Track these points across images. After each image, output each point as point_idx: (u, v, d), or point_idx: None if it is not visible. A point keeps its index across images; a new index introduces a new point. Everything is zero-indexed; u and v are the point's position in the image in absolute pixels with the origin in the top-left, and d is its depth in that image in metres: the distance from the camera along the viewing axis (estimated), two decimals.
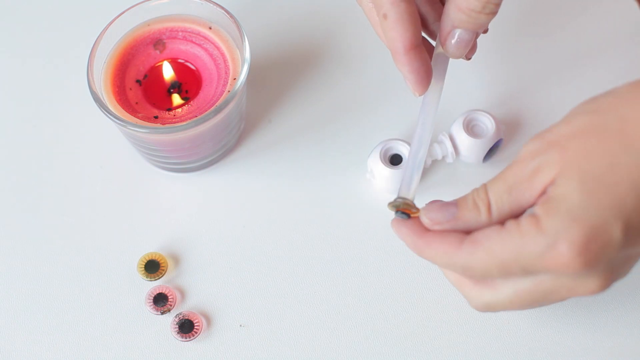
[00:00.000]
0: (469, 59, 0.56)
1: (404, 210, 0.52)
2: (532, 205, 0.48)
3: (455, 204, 0.50)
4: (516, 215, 0.49)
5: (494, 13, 0.51)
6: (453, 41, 0.53)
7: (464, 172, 0.63)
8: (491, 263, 0.48)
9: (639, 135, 0.46)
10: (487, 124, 0.62)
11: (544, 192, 0.47)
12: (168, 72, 0.62)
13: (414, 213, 0.52)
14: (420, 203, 0.62)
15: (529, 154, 0.48)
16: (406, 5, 0.51)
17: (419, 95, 0.53)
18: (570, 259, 0.45)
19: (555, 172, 0.47)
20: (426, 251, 0.50)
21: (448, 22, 0.52)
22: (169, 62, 0.62)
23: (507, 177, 0.49)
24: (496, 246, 0.48)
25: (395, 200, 0.53)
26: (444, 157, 0.63)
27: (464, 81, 0.67)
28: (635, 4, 0.69)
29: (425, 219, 0.50)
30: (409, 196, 0.53)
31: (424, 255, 0.51)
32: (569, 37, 0.68)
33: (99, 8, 0.70)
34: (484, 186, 0.50)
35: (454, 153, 0.62)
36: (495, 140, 0.62)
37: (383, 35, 0.53)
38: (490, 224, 0.49)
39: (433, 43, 0.57)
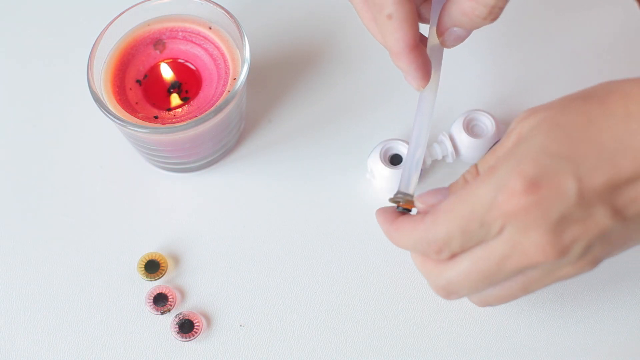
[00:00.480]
0: None
1: (405, 206, 0.53)
2: None
3: (447, 187, 0.51)
4: None
5: (496, 18, 0.52)
6: (452, 37, 0.54)
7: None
8: (452, 226, 0.48)
9: (621, 104, 0.46)
10: (487, 124, 0.62)
11: None
12: (167, 73, 0.62)
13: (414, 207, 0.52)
14: None
15: (517, 120, 0.49)
16: (410, 6, 0.51)
17: (423, 88, 0.54)
18: (520, 196, 0.45)
19: (530, 127, 0.47)
20: (395, 236, 0.51)
21: (448, 20, 0.53)
22: (167, 64, 0.62)
23: (496, 150, 0.50)
24: (454, 205, 0.48)
25: (395, 196, 0.53)
26: (444, 157, 0.63)
27: (464, 81, 0.67)
28: (635, 4, 0.69)
29: (419, 205, 0.51)
30: (409, 190, 0.53)
31: (395, 241, 0.51)
32: (569, 37, 0.68)
33: (99, 8, 0.70)
34: (476, 164, 0.51)
35: (454, 153, 0.62)
36: (495, 140, 0.62)
37: (380, 35, 0.53)
38: None
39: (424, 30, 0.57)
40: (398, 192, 0.54)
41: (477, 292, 0.51)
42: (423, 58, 0.53)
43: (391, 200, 0.53)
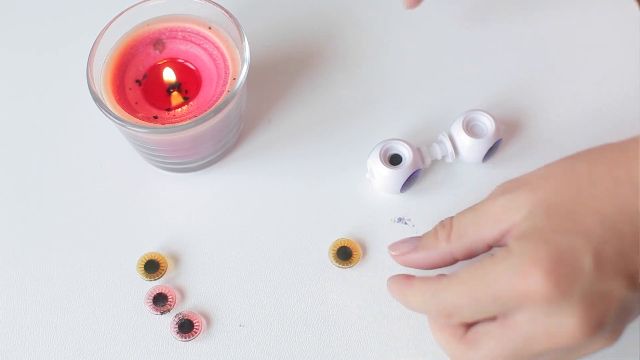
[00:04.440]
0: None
1: None
2: (495, 240, 0.50)
3: (418, 238, 0.54)
4: (478, 248, 0.51)
5: None
6: None
7: (464, 172, 0.63)
8: (464, 294, 0.48)
9: (604, 175, 0.47)
10: (487, 124, 0.62)
11: (510, 229, 0.48)
12: (169, 76, 0.62)
13: None
14: (421, 203, 0.63)
15: (501, 190, 0.50)
16: None
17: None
18: (540, 280, 0.45)
19: (526, 211, 0.48)
20: (408, 292, 0.51)
21: None
22: (170, 67, 0.62)
23: (476, 210, 0.50)
24: (468, 275, 0.48)
25: None
26: (443, 157, 0.63)
27: (464, 81, 0.67)
28: (635, 4, 0.69)
29: (391, 252, 0.55)
30: None
31: (407, 299, 0.52)
32: (569, 37, 0.68)
33: (98, 8, 0.70)
34: (451, 217, 0.52)
35: (453, 153, 0.62)
36: (495, 140, 0.62)
37: None
38: (451, 250, 0.51)
39: None
40: None
41: None
42: None
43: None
